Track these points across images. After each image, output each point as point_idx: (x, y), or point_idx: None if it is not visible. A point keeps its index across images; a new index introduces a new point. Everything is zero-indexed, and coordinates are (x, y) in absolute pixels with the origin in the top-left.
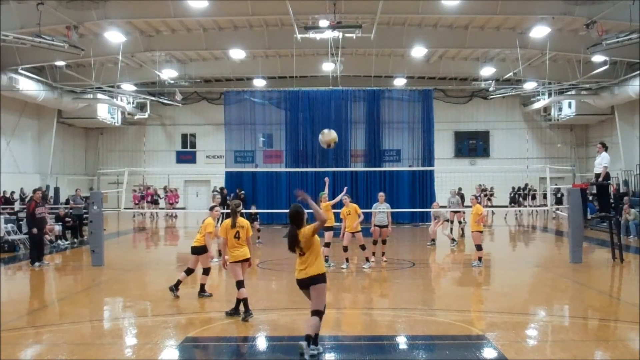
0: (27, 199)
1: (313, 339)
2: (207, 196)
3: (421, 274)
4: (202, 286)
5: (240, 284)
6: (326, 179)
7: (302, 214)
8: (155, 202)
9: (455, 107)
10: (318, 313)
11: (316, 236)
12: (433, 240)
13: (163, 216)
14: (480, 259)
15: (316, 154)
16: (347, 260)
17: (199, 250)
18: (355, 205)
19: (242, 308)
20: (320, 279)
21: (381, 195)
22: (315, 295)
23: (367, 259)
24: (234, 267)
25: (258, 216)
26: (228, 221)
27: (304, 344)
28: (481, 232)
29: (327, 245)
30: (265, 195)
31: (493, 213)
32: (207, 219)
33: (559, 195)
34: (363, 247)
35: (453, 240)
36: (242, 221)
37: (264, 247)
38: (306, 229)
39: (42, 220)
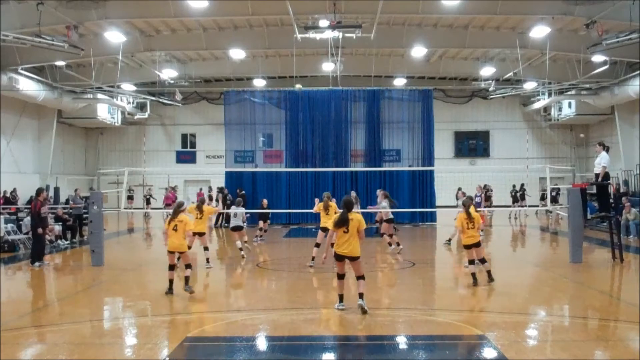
0: (18, 200)
1: (360, 295)
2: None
3: (421, 274)
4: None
5: (170, 267)
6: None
7: (353, 202)
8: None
9: (455, 107)
10: (363, 277)
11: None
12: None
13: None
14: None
15: (316, 154)
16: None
17: None
18: None
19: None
20: (358, 259)
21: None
22: (356, 267)
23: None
24: (169, 254)
25: (269, 215)
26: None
27: (361, 301)
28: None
29: (317, 245)
30: (265, 195)
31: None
32: None
33: (553, 194)
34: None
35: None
36: (183, 217)
37: (264, 247)
38: (359, 217)
39: (46, 219)
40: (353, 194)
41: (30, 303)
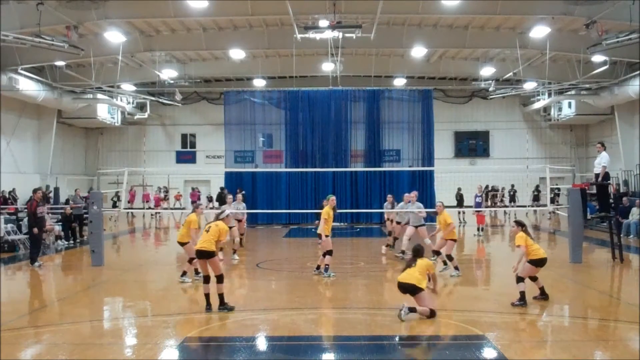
0: (16, 200)
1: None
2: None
3: None
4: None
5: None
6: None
7: (422, 250)
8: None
9: (455, 107)
10: (433, 313)
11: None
12: (403, 251)
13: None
14: (457, 267)
15: (316, 154)
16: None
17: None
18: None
19: None
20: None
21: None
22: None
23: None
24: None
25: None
26: None
27: None
28: (455, 240)
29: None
30: (265, 195)
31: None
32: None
33: (557, 191)
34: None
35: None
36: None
37: (263, 247)
38: (427, 263)
39: (42, 219)
40: (331, 196)
41: (30, 303)
